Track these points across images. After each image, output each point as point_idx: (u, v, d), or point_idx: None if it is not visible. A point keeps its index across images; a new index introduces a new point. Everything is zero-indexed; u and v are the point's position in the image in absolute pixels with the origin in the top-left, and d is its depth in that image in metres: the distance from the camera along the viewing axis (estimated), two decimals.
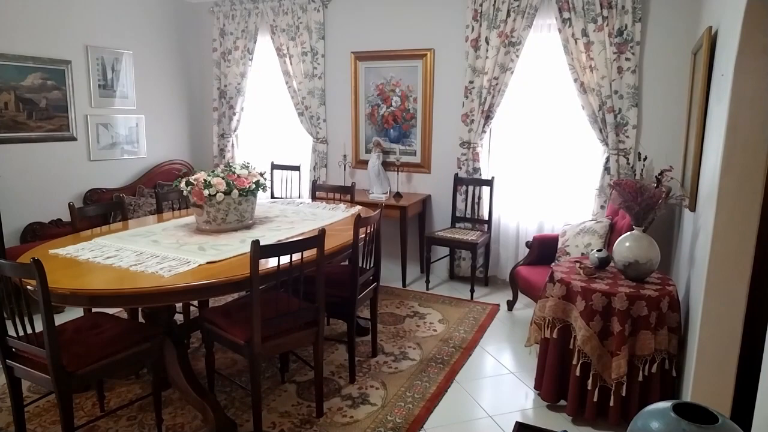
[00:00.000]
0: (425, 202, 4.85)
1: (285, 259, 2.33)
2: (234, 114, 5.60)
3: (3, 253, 3.77)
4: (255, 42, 5.37)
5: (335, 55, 5.10)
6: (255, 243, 2.20)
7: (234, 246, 2.67)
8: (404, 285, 4.57)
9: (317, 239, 2.43)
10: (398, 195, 4.67)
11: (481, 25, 4.37)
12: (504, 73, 4.33)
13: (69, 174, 4.69)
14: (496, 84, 4.37)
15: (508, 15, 4.25)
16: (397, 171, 4.80)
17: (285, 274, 2.35)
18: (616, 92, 4.01)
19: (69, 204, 3.06)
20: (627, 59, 3.95)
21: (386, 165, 4.90)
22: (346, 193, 4.06)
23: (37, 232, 4.39)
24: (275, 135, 5.62)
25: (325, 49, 5.10)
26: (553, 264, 3.06)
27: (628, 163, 4.05)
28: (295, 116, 5.31)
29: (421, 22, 4.67)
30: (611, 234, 3.60)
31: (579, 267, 2.75)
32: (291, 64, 5.18)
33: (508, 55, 4.29)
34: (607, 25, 3.95)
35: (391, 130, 4.97)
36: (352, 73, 5.04)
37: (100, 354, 2.16)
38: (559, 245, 3.77)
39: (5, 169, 4.07)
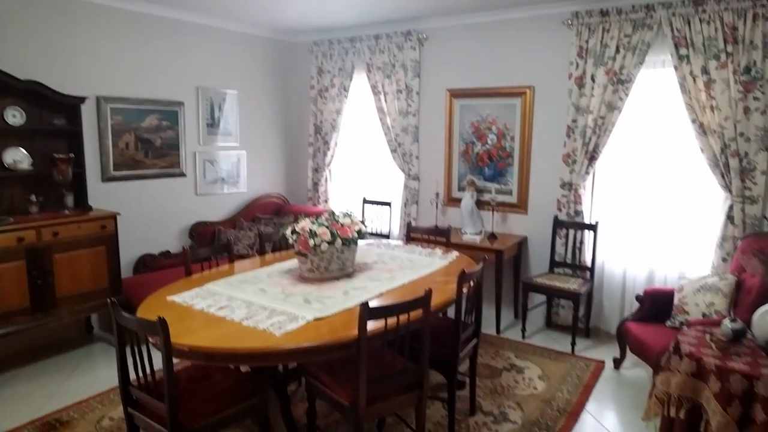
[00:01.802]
0: (521, 244, 4.67)
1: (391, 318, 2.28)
2: (328, 149, 5.73)
3: (120, 283, 4.03)
4: (351, 80, 5.49)
5: (430, 93, 5.08)
6: (364, 306, 2.17)
7: (338, 299, 2.67)
8: (498, 331, 4.39)
9: (423, 301, 2.37)
10: (493, 236, 4.53)
11: (586, 62, 4.17)
12: (611, 112, 4.10)
13: (178, 208, 4.98)
14: (602, 123, 4.14)
15: (617, 51, 4.02)
16: (492, 211, 4.66)
17: (390, 333, 2.30)
18: (741, 134, 3.66)
19: (183, 248, 3.23)
20: (755, 99, 3.60)
21: (480, 204, 4.78)
22: (441, 235, 3.98)
23: (148, 264, 4.68)
24: (367, 170, 5.68)
25: (420, 87, 5.11)
26: (668, 322, 2.79)
27: (760, 215, 3.66)
28: (387, 152, 5.33)
29: (520, 59, 4.55)
30: (738, 293, 3.25)
31: (710, 339, 2.48)
32: (386, 101, 5.23)
33: (616, 94, 4.06)
34: (732, 61, 3.63)
35: (486, 169, 4.85)
36: (447, 110, 5.00)
37: (213, 409, 2.22)
38: (676, 302, 3.45)
39: (125, 204, 4.38)
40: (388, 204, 5.39)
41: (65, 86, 3.97)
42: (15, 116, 3.78)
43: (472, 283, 2.86)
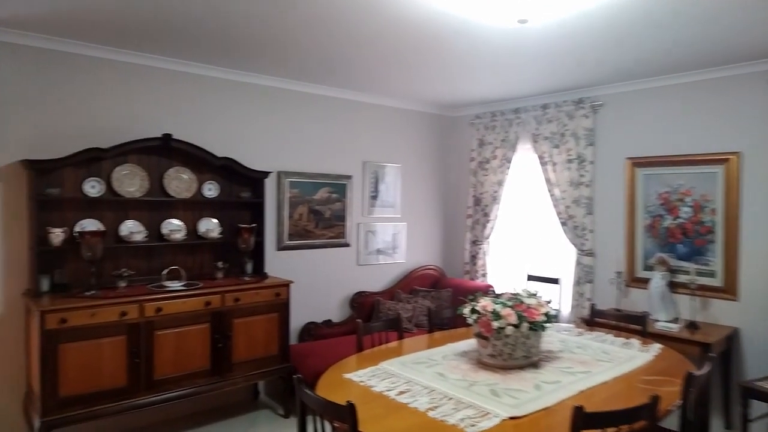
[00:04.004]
0: (731, 337, 3.88)
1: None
2: (488, 221, 5.50)
3: (288, 351, 4.07)
4: (514, 151, 5.29)
5: (606, 162, 4.67)
6: (578, 411, 1.81)
7: (531, 394, 2.32)
8: None
9: (649, 409, 1.93)
10: (693, 325, 3.82)
11: None
12: None
13: (341, 277, 5.05)
14: None
15: None
16: (691, 296, 3.97)
17: None
18: None
19: (358, 322, 3.14)
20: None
21: (673, 286, 4.12)
22: (635, 322, 3.44)
23: (312, 332, 4.73)
24: (531, 243, 5.31)
25: (595, 156, 4.72)
26: None
27: None
28: (555, 225, 4.94)
29: (719, 123, 3.99)
30: None
31: None
32: (554, 171, 4.91)
33: None
34: None
35: (680, 246, 4.21)
36: (627, 180, 4.52)
37: None
38: None
39: (293, 273, 4.53)
40: (556, 281, 4.93)
41: (253, 162, 4.32)
42: (211, 190, 4.17)
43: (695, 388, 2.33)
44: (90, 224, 3.61)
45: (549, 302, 2.85)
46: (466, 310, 2.81)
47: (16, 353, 3.43)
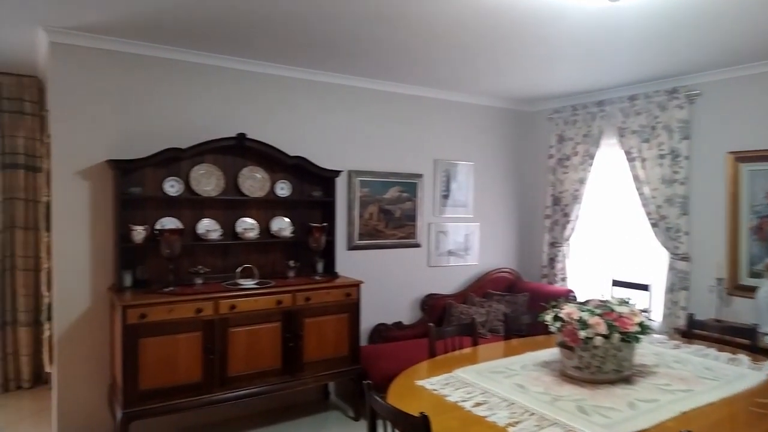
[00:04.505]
0: None
1: None
2: (568, 222, 5.18)
3: (358, 353, 4.00)
4: (598, 146, 4.94)
5: (704, 157, 4.23)
6: None
7: (624, 413, 2.08)
8: None
9: None
10: None
11: None
12: None
13: (411, 278, 4.93)
14: None
15: None
16: None
17: None
18: None
19: (430, 326, 3.01)
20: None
21: None
22: (742, 335, 3.06)
23: (382, 333, 4.64)
24: (615, 246, 4.93)
25: (690, 150, 4.29)
26: None
27: None
28: (644, 226, 4.55)
29: None
30: None
31: None
32: (644, 168, 4.52)
33: None
34: None
35: None
36: (729, 177, 4.07)
37: None
38: None
39: (366, 272, 4.46)
40: (646, 287, 4.53)
41: (323, 161, 4.30)
42: (283, 189, 4.18)
43: None
44: (169, 222, 3.72)
45: (644, 311, 2.57)
46: (549, 317, 2.59)
47: (102, 345, 3.59)
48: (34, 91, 4.54)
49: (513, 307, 4.82)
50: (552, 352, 2.80)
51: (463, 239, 5.28)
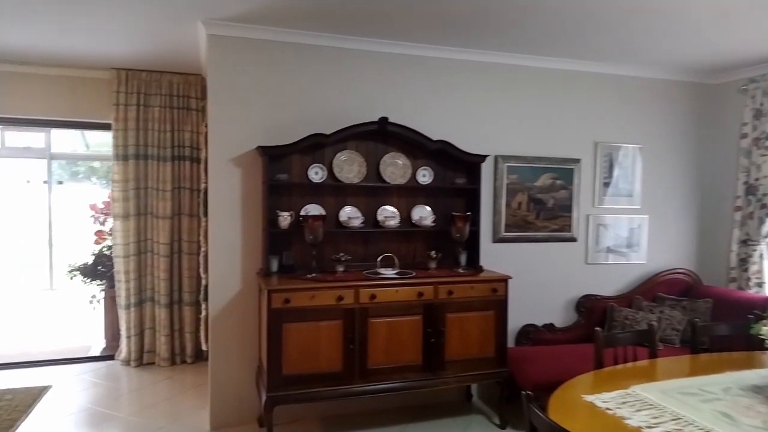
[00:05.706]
0: None
1: None
2: (767, 215, 4.23)
3: (505, 354, 3.64)
4: None
5: None
6: None
7: None
8: None
9: None
10: None
11: None
12: None
13: (565, 276, 4.42)
14: None
15: None
16: None
17: None
18: None
19: (596, 330, 2.55)
20: None
21: None
22: None
23: (530, 335, 4.22)
24: None
25: None
26: None
27: None
28: None
29: None
30: None
31: None
32: None
33: None
34: None
35: None
36: None
37: None
38: None
39: (513, 267, 4.05)
40: None
41: (468, 145, 3.98)
42: (425, 176, 3.96)
43: None
44: (313, 209, 3.71)
45: None
46: (765, 330, 2.01)
47: (252, 328, 3.70)
48: (198, 89, 4.89)
49: (691, 315, 4.06)
50: (764, 375, 2.19)
51: (627, 233, 4.60)
